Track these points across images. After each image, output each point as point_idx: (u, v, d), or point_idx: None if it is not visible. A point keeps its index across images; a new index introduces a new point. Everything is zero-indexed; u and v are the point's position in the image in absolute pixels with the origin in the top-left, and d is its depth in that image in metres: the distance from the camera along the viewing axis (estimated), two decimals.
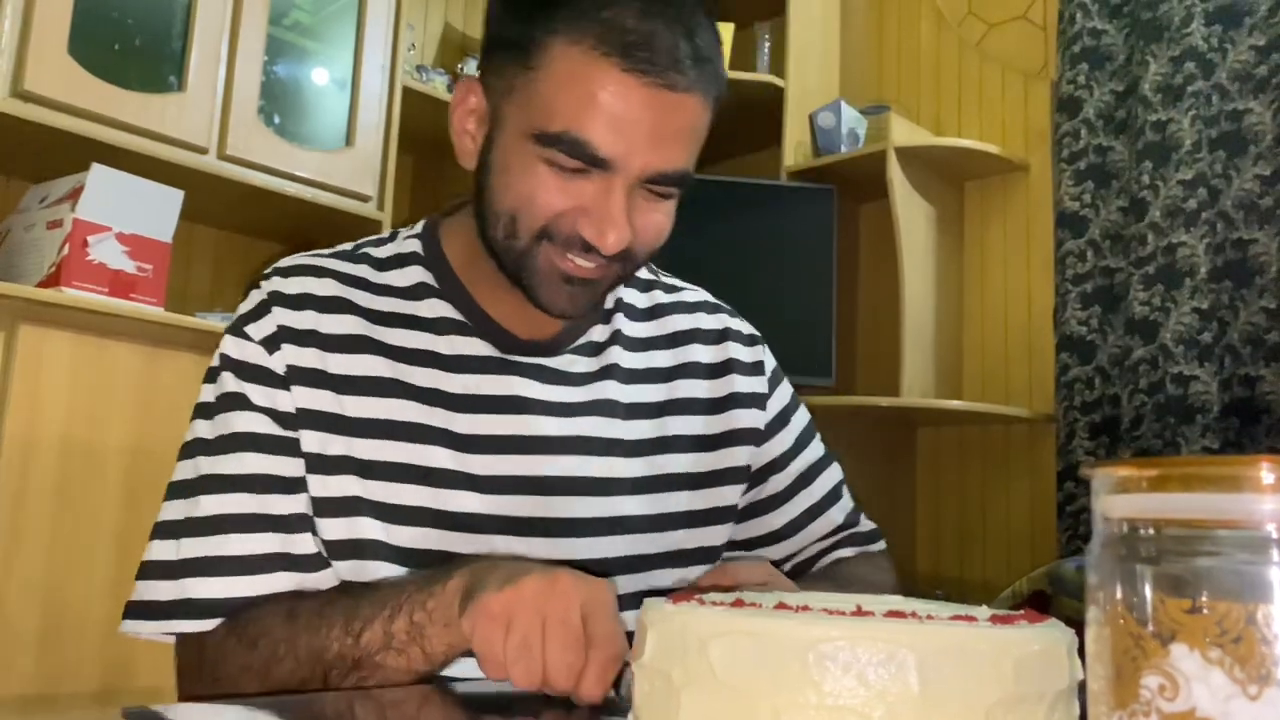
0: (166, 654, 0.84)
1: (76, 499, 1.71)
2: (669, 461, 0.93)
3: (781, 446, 1.01)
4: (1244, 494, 0.33)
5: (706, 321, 1.01)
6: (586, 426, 0.89)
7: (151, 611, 0.80)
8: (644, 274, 1.02)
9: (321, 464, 0.81)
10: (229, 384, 0.83)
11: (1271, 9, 2.18)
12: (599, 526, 0.87)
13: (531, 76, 0.78)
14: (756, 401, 1.00)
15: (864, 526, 1.07)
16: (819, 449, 1.05)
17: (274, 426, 0.82)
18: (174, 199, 1.93)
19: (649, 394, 0.95)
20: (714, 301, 1.05)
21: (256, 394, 0.82)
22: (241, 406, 0.82)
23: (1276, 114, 2.15)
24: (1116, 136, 2.40)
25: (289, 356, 0.83)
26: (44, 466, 1.68)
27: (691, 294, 1.04)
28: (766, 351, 1.04)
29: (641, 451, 0.92)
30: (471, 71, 1.79)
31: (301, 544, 0.80)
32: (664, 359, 0.97)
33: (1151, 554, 0.34)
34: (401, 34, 2.41)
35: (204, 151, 2.04)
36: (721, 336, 1.01)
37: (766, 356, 1.04)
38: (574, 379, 0.91)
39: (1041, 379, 2.51)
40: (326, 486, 0.81)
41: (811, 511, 1.02)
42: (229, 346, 0.85)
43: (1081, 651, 0.38)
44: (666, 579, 0.90)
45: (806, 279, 2.55)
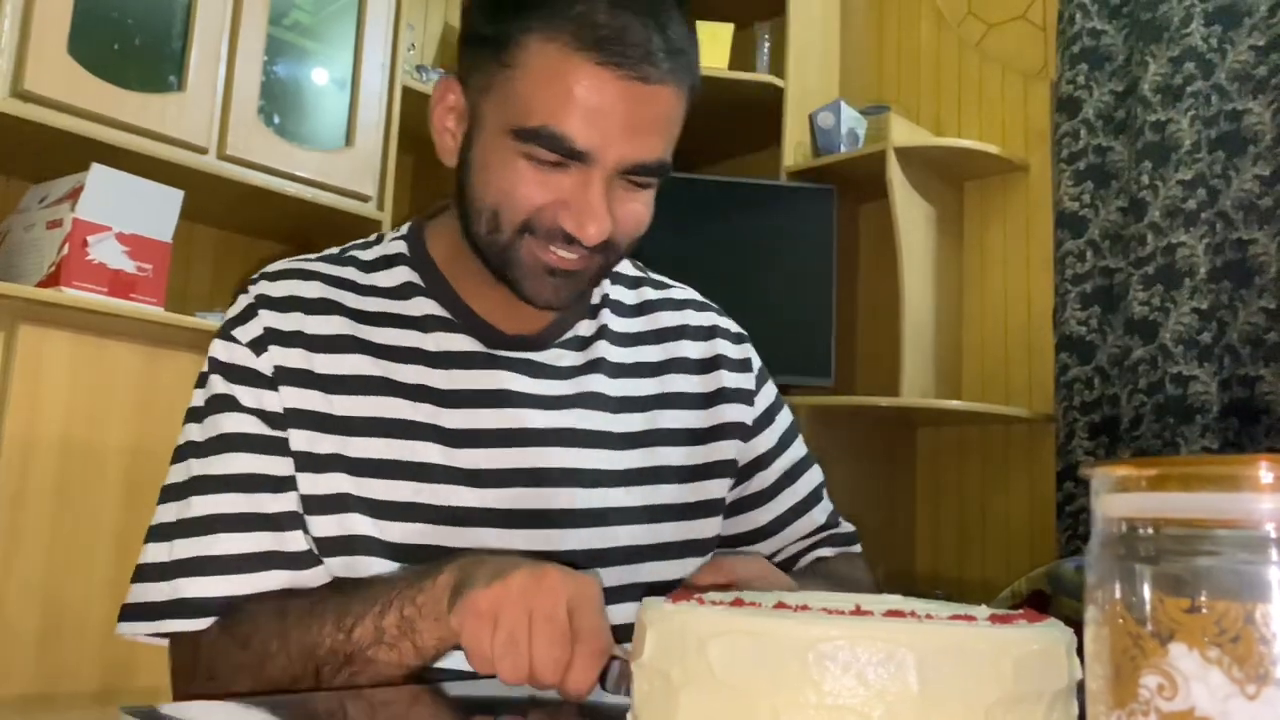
0: (165, 654, 0.85)
1: (76, 499, 1.71)
2: (659, 455, 0.94)
3: (767, 444, 1.02)
4: (1243, 493, 0.33)
5: (695, 318, 1.02)
6: (574, 419, 0.90)
7: (145, 613, 0.81)
8: (632, 272, 1.03)
9: (311, 462, 0.82)
10: (217, 386, 0.84)
11: (1271, 9, 2.18)
12: (588, 518, 0.88)
13: (508, 74, 0.80)
14: (744, 397, 1.01)
15: (843, 529, 1.08)
16: (802, 449, 1.06)
17: (263, 427, 0.83)
18: (174, 199, 1.93)
19: (639, 388, 0.96)
20: (702, 300, 1.06)
21: (245, 395, 0.83)
22: (230, 408, 0.83)
23: (1276, 114, 2.15)
24: (1116, 137, 2.40)
25: (276, 358, 0.84)
26: (44, 466, 1.68)
27: (680, 291, 1.05)
28: (753, 350, 1.05)
29: (631, 444, 0.93)
30: None
31: (293, 542, 0.81)
32: (653, 354, 0.98)
33: (1150, 553, 0.34)
34: (401, 34, 2.41)
35: (204, 151, 2.04)
36: (710, 333, 1.02)
37: (753, 355, 1.05)
38: (561, 373, 0.92)
39: (1041, 379, 2.51)
40: (316, 484, 0.82)
41: (795, 510, 1.03)
42: (217, 350, 0.86)
43: (1080, 651, 0.38)
44: (657, 571, 0.91)
45: (806, 279, 2.55)
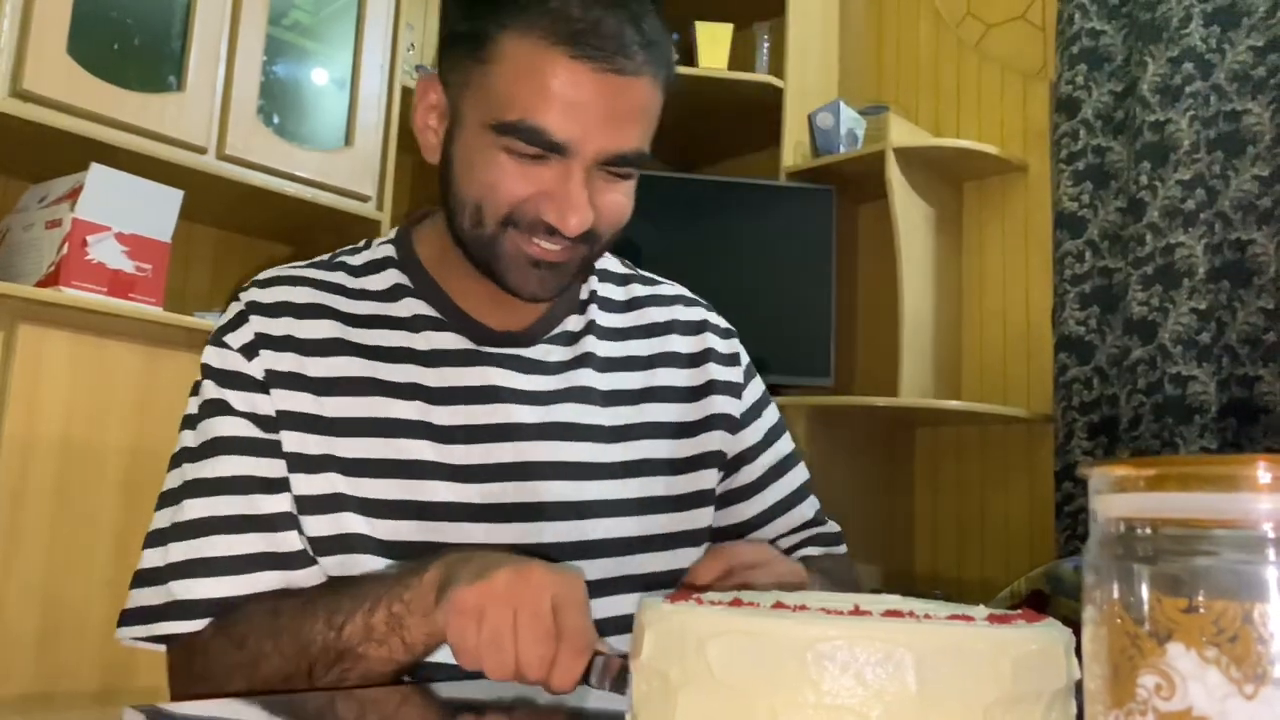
0: (164, 656, 0.85)
1: (75, 499, 1.71)
2: (649, 447, 0.95)
3: (753, 437, 1.03)
4: (1241, 493, 0.33)
5: (684, 313, 1.04)
6: (563, 413, 0.91)
7: (142, 616, 0.82)
8: (621, 270, 1.05)
9: (304, 463, 0.83)
10: (210, 392, 0.86)
11: (1269, 10, 2.18)
12: (580, 510, 0.89)
13: (486, 70, 0.81)
14: (732, 390, 1.02)
15: (829, 528, 1.08)
16: (788, 445, 1.07)
17: (255, 430, 0.84)
18: (173, 199, 1.93)
19: (628, 381, 0.97)
20: (690, 295, 1.08)
21: (237, 399, 0.84)
22: (223, 412, 0.84)
23: (1275, 114, 2.15)
24: (1115, 137, 2.40)
25: (267, 362, 0.85)
26: (43, 466, 1.68)
27: (669, 288, 1.07)
28: (741, 346, 1.07)
29: (621, 437, 0.94)
30: None
31: (286, 542, 0.82)
32: (642, 348, 0.99)
33: (1148, 553, 0.34)
34: (401, 34, 2.41)
35: (203, 151, 2.03)
36: (699, 328, 1.03)
37: (741, 350, 1.06)
38: (549, 368, 0.93)
39: (1040, 379, 2.51)
40: (310, 485, 0.83)
41: (781, 504, 1.03)
42: (210, 356, 0.87)
43: (1079, 651, 0.39)
44: (649, 563, 0.91)
45: (805, 279, 2.55)
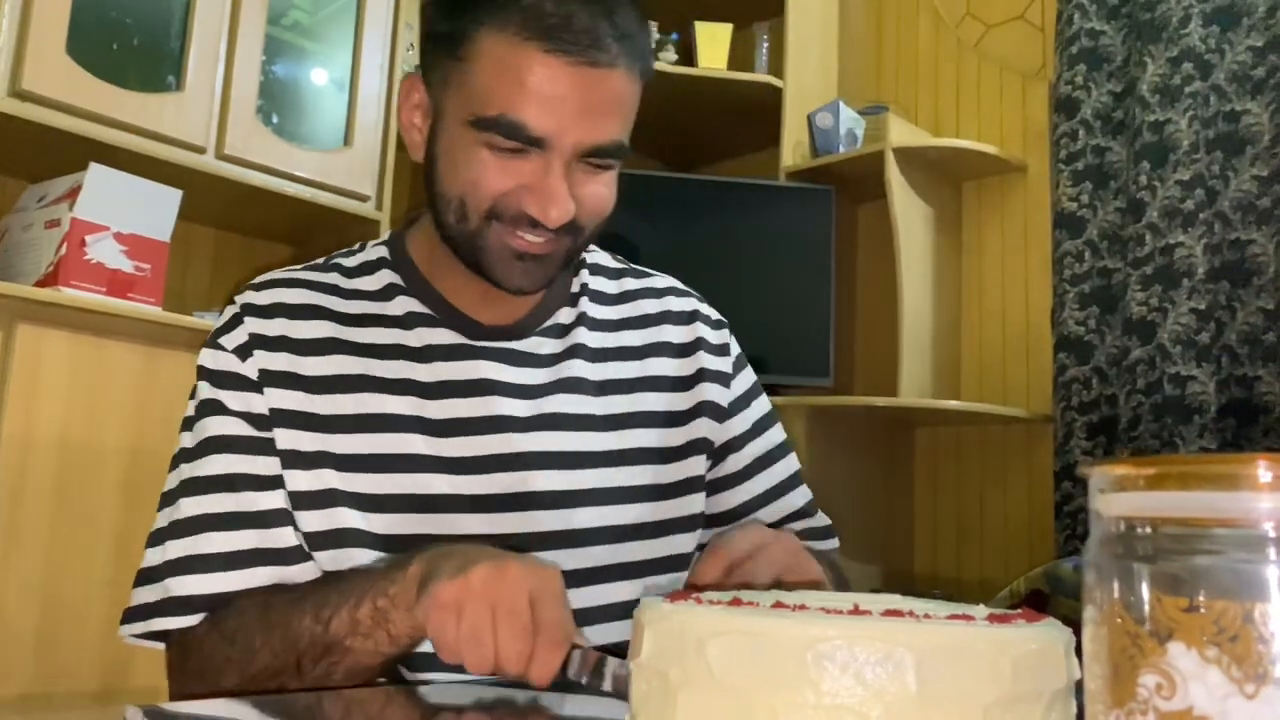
0: (163, 655, 0.85)
1: (74, 498, 1.70)
2: (642, 436, 0.96)
3: (741, 427, 1.04)
4: (1241, 492, 0.33)
5: (676, 304, 1.05)
6: (554, 404, 0.92)
7: (140, 614, 0.83)
8: (614, 264, 1.07)
9: (298, 460, 0.85)
10: (205, 393, 0.87)
11: (1269, 10, 2.18)
12: (572, 500, 0.90)
13: (464, 67, 0.83)
14: (721, 379, 1.03)
15: (819, 520, 1.08)
16: (778, 436, 1.07)
17: (248, 428, 0.85)
18: (172, 199, 1.93)
19: (622, 371, 0.98)
20: (683, 287, 1.09)
21: (231, 399, 0.86)
22: (217, 412, 0.86)
23: (1274, 115, 2.15)
24: (1114, 137, 2.40)
25: (261, 361, 0.87)
26: (42, 466, 1.68)
27: (661, 280, 1.08)
28: (732, 337, 1.08)
29: (615, 426, 0.95)
30: None
31: (280, 538, 0.83)
32: (635, 338, 1.01)
33: (1149, 552, 0.34)
34: (400, 34, 2.40)
35: (202, 151, 2.03)
36: (691, 318, 1.05)
37: (732, 341, 1.07)
38: (540, 360, 0.94)
39: (1039, 379, 2.51)
40: (304, 481, 0.84)
41: (768, 494, 1.04)
42: (205, 359, 0.89)
43: (1079, 650, 0.38)
44: (643, 551, 0.93)
45: (804, 279, 2.55)
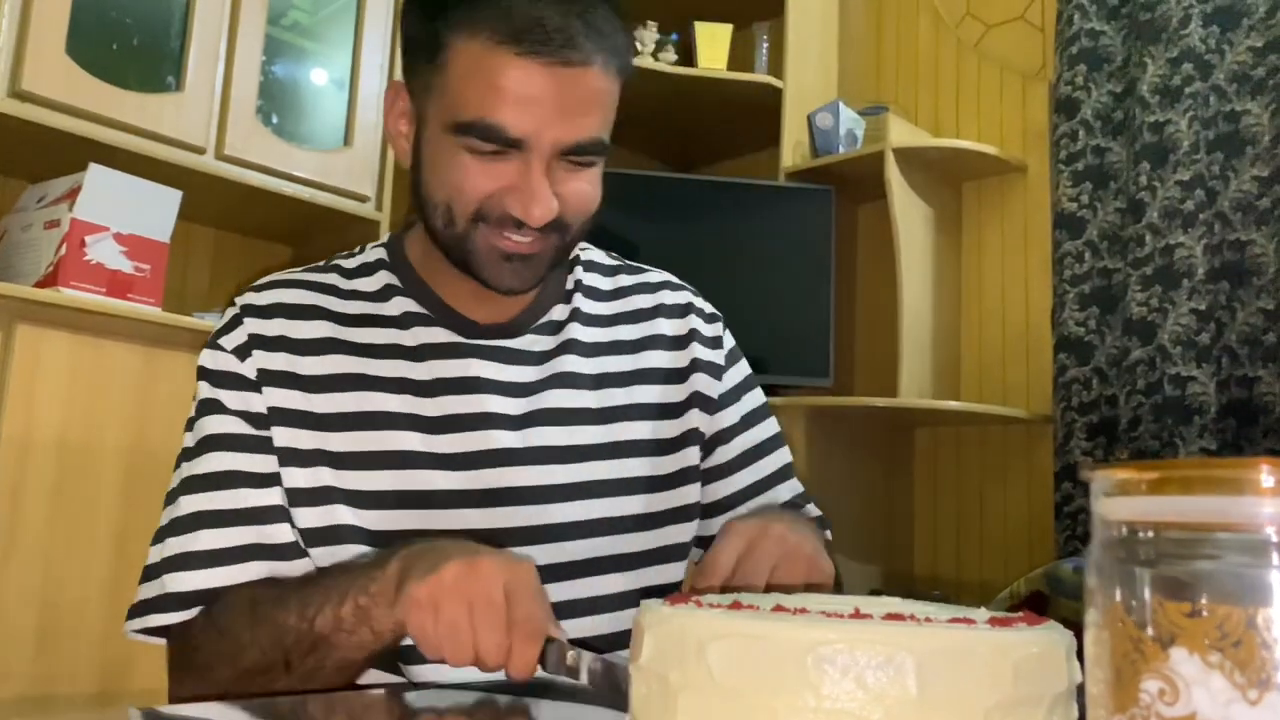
0: (163, 655, 0.85)
1: (74, 499, 1.70)
2: (638, 428, 0.97)
3: (730, 419, 1.04)
4: (1244, 497, 0.32)
5: (670, 298, 1.06)
6: (547, 400, 0.93)
7: (140, 609, 0.85)
8: (609, 261, 1.08)
9: (295, 457, 0.86)
10: (205, 392, 0.89)
11: (1269, 10, 2.18)
12: (567, 493, 0.91)
13: (441, 73, 0.84)
14: (713, 371, 1.04)
15: (809, 512, 1.08)
16: (769, 430, 1.07)
17: (246, 427, 0.87)
18: (172, 199, 1.93)
19: (618, 364, 0.99)
20: (677, 281, 1.10)
21: (230, 399, 0.88)
22: (216, 411, 0.88)
23: (1274, 115, 2.15)
24: (1114, 137, 2.40)
25: (259, 361, 0.88)
26: (41, 466, 1.68)
27: (655, 275, 1.09)
28: (726, 331, 1.08)
29: (610, 419, 0.96)
30: None
31: (276, 534, 0.85)
32: (629, 332, 1.02)
33: (1151, 557, 0.34)
34: (400, 34, 2.40)
35: (202, 151, 2.03)
36: (684, 311, 1.06)
37: (726, 334, 1.08)
38: (534, 357, 0.95)
39: (1039, 380, 2.51)
40: (301, 478, 0.86)
41: (756, 487, 1.04)
42: (205, 359, 0.90)
43: (1080, 654, 0.38)
44: (639, 542, 0.94)
45: (804, 280, 2.55)
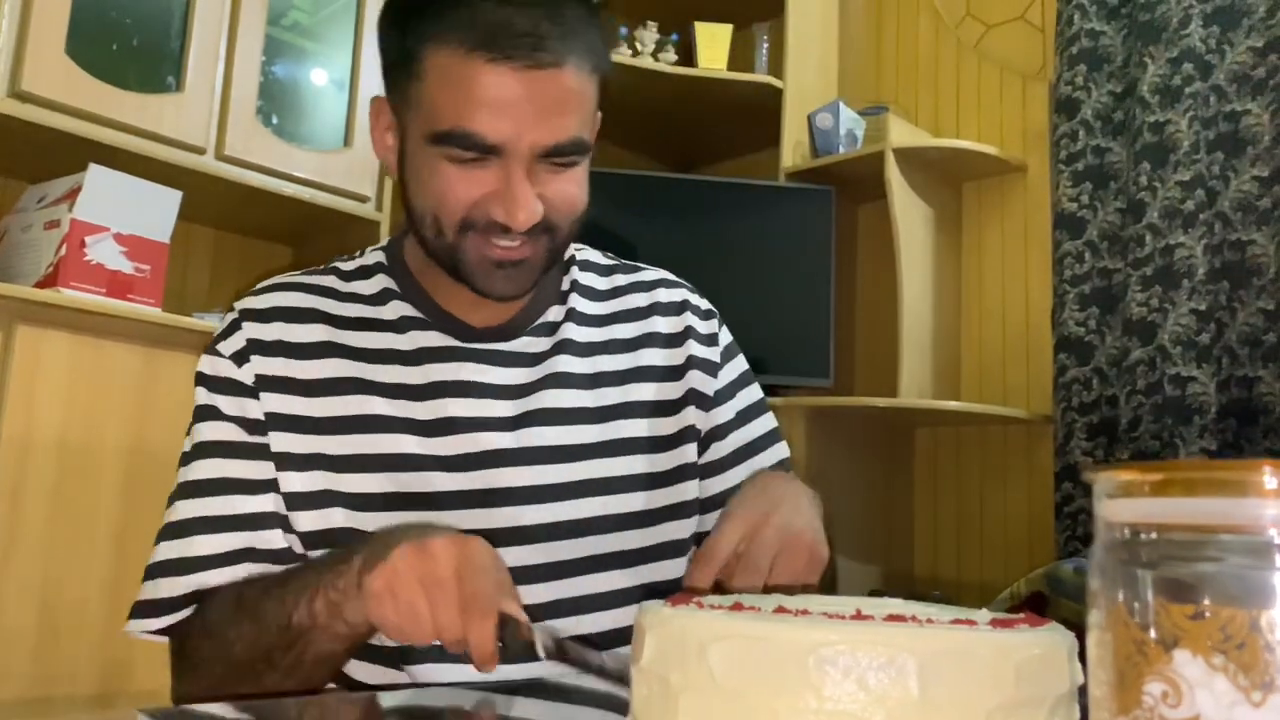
0: (163, 656, 0.86)
1: (73, 499, 1.70)
2: (635, 426, 0.97)
3: (725, 416, 1.04)
4: (1248, 498, 0.32)
5: (665, 296, 1.06)
6: (541, 400, 0.93)
7: (138, 611, 0.86)
8: (605, 261, 1.08)
9: (293, 462, 0.87)
10: (202, 398, 0.90)
11: (1269, 10, 2.18)
12: (564, 492, 0.91)
13: (418, 84, 0.85)
14: (708, 368, 1.04)
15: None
16: (766, 425, 1.07)
17: (241, 433, 0.87)
18: (172, 199, 1.93)
19: (614, 363, 0.99)
20: (673, 279, 1.10)
21: (226, 404, 0.88)
22: (212, 417, 0.88)
23: (1274, 115, 2.15)
24: (1115, 138, 2.40)
25: (257, 367, 0.89)
26: (41, 467, 1.67)
27: (651, 273, 1.09)
28: (722, 327, 1.08)
29: (607, 417, 0.96)
30: None
31: (268, 540, 0.85)
32: (626, 331, 1.02)
33: (1154, 559, 0.34)
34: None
35: (202, 152, 2.03)
36: (680, 308, 1.06)
37: (722, 331, 1.08)
38: (529, 359, 0.95)
39: (1039, 380, 2.51)
40: (299, 482, 0.86)
41: None
42: (204, 365, 0.91)
43: (1082, 655, 0.38)
44: (638, 539, 0.94)
45: (804, 280, 2.55)
